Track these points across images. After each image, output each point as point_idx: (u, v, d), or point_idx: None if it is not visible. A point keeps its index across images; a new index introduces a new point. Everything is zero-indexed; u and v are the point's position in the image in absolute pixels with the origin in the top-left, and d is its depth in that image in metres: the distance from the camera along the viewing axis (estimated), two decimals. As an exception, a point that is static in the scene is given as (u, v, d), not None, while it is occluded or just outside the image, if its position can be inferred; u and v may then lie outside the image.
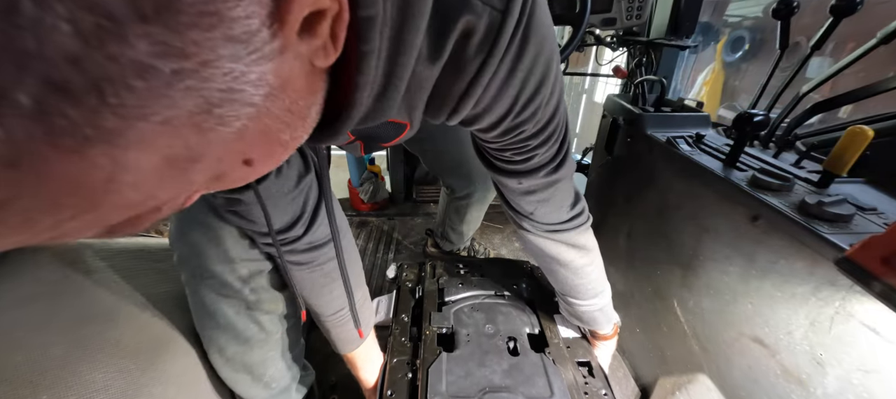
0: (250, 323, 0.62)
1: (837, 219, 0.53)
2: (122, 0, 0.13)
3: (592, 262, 0.67)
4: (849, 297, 0.50)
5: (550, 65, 0.38)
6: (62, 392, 0.50)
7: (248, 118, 0.20)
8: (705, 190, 0.73)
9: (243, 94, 0.19)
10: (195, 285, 0.59)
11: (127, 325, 0.61)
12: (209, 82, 0.16)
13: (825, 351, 0.54)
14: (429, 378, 0.65)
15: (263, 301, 0.62)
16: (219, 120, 0.18)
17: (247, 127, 0.20)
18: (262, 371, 0.67)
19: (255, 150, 0.23)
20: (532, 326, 0.78)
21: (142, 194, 0.18)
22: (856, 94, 0.69)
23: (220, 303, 0.59)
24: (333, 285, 0.60)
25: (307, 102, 0.25)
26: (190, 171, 0.20)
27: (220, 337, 0.62)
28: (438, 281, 0.90)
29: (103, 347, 0.57)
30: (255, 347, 0.64)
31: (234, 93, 0.18)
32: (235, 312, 0.60)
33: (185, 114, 0.16)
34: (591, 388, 0.67)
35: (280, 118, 0.23)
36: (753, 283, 0.63)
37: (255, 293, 0.61)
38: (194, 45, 0.15)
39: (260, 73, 0.19)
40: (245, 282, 0.59)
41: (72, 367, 0.53)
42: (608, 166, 1.11)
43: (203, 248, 0.55)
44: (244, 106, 0.19)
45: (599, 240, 0.68)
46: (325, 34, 0.22)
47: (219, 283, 0.58)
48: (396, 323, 0.80)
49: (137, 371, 0.57)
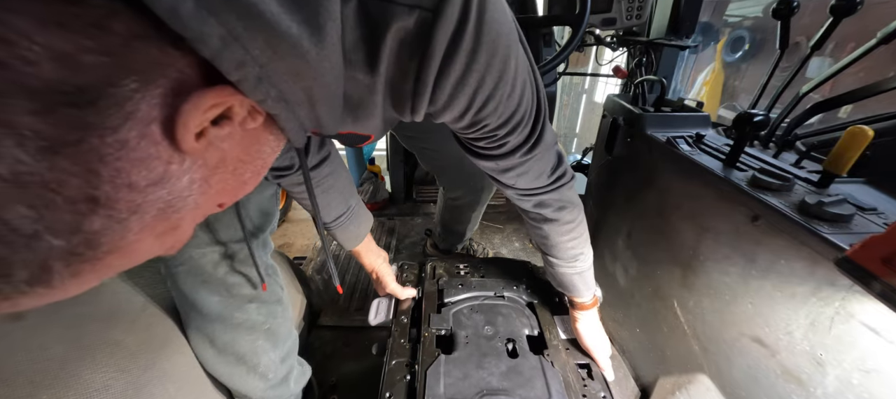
0: (235, 311, 0.63)
1: (837, 219, 0.53)
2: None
3: (574, 221, 0.67)
4: (849, 297, 0.50)
5: (507, 63, 0.38)
6: (62, 392, 0.50)
7: (201, 197, 0.25)
8: (705, 190, 0.73)
9: (185, 199, 0.24)
10: (173, 276, 0.59)
11: (127, 325, 0.61)
12: (148, 208, 0.22)
13: (825, 351, 0.54)
14: (427, 380, 0.65)
15: (242, 285, 0.63)
16: (177, 212, 0.24)
17: (200, 203, 0.25)
18: (255, 361, 0.67)
19: (223, 198, 0.29)
20: (531, 328, 0.78)
21: (146, 257, 0.25)
22: (856, 94, 0.69)
23: (201, 290, 0.60)
24: (332, 194, 0.69)
25: (255, 151, 0.29)
26: (178, 231, 0.26)
27: (207, 326, 0.62)
28: (438, 282, 0.90)
29: (103, 347, 0.57)
30: (244, 334, 0.65)
31: (174, 203, 0.23)
32: (219, 299, 0.61)
33: (150, 222, 0.23)
34: (590, 390, 0.67)
35: (233, 177, 0.27)
36: (753, 283, 0.63)
37: (236, 276, 0.62)
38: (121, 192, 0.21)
39: (185, 182, 0.23)
40: (218, 265, 0.60)
41: (72, 367, 0.53)
42: (608, 166, 1.11)
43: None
44: (189, 199, 0.24)
45: (599, 240, 0.68)
46: (241, 114, 0.24)
47: (193, 269, 0.58)
48: (396, 325, 0.80)
49: (137, 371, 0.57)
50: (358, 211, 0.76)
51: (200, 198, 0.25)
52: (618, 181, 1.06)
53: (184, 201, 0.24)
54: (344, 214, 0.72)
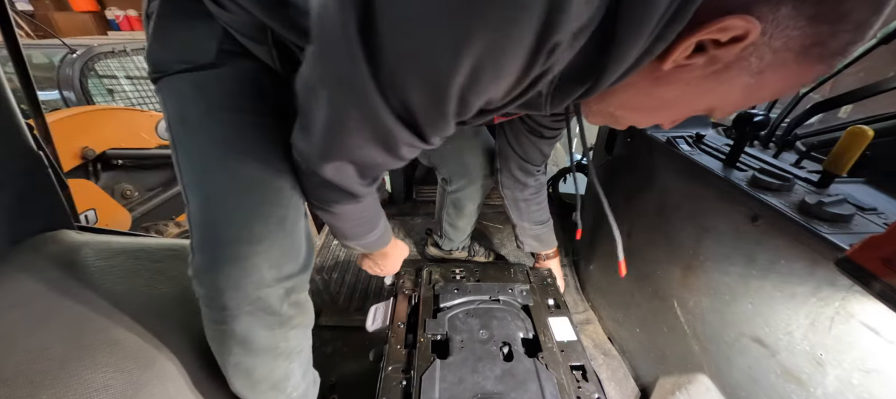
0: (281, 341, 0.61)
1: (837, 219, 0.53)
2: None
3: (545, 194, 1.01)
4: (849, 297, 0.50)
5: None
6: (62, 392, 0.50)
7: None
8: (705, 190, 0.73)
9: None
10: (226, 319, 0.56)
11: (127, 325, 0.61)
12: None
13: (825, 351, 0.54)
14: (422, 386, 0.65)
15: (295, 315, 0.62)
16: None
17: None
18: (285, 384, 0.66)
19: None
20: (526, 331, 0.78)
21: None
22: (856, 94, 0.69)
23: (257, 329, 0.57)
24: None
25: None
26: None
27: (249, 360, 0.60)
28: (434, 287, 0.90)
29: (103, 347, 0.57)
30: (282, 361, 0.64)
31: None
32: (270, 333, 0.59)
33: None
34: (584, 392, 0.67)
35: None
36: (753, 283, 0.63)
37: (292, 308, 0.61)
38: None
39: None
40: (283, 300, 0.59)
41: (72, 367, 0.53)
42: (608, 166, 1.11)
43: (238, 280, 0.53)
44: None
45: (599, 240, 0.68)
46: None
47: (260, 308, 0.56)
48: (392, 331, 0.80)
49: (137, 371, 0.57)
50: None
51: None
52: (618, 181, 1.06)
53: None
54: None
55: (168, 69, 0.50)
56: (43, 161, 0.81)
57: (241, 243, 0.52)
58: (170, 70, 0.50)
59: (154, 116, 1.73)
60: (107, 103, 1.87)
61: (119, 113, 1.63)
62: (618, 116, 0.46)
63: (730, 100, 0.37)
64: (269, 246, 0.54)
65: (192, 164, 0.52)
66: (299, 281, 0.61)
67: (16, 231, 0.76)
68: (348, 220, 0.62)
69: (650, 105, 0.41)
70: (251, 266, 0.53)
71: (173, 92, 0.51)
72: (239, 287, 0.53)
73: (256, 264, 0.53)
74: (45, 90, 1.74)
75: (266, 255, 0.54)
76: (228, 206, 0.51)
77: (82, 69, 1.77)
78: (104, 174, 1.56)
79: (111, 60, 1.93)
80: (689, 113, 0.41)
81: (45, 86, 1.74)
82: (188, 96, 0.51)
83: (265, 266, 0.54)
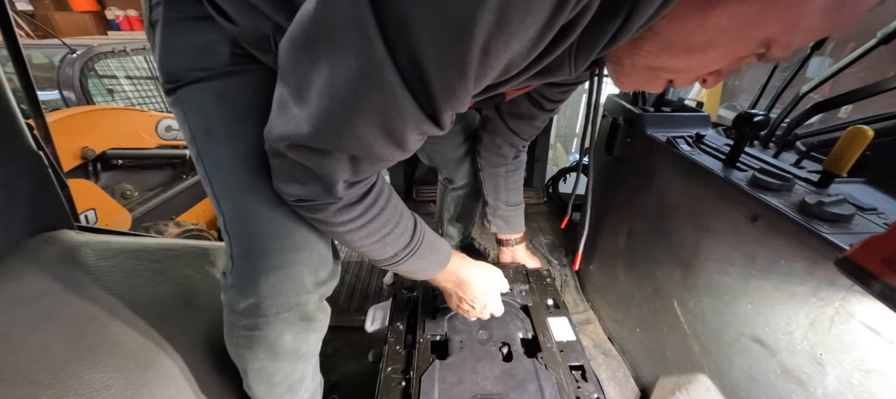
0: (302, 344, 0.61)
1: (837, 219, 0.53)
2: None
3: (523, 174, 0.98)
4: (849, 297, 0.50)
5: None
6: (62, 392, 0.50)
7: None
8: (705, 190, 0.73)
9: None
10: (260, 326, 0.55)
11: (127, 325, 0.61)
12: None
13: (825, 351, 0.54)
14: (421, 386, 0.65)
15: (321, 319, 0.63)
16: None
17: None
18: (299, 387, 0.67)
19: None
20: (526, 331, 0.78)
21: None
22: (856, 94, 0.69)
23: (287, 333, 0.57)
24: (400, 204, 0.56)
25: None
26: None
27: (272, 364, 0.60)
28: (434, 288, 0.90)
29: (103, 347, 0.57)
30: (300, 365, 0.64)
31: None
32: (295, 338, 0.59)
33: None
34: (584, 392, 0.67)
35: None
36: (753, 283, 0.63)
37: (321, 312, 0.62)
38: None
39: None
40: (318, 305, 0.60)
41: (72, 367, 0.53)
42: (608, 166, 1.11)
43: (281, 288, 0.53)
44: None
45: (599, 240, 0.68)
46: None
47: (297, 315, 0.57)
48: (392, 331, 0.80)
49: (137, 371, 0.57)
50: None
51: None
52: (618, 181, 1.06)
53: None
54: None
55: (184, 78, 0.49)
56: (43, 161, 0.81)
57: (285, 253, 0.52)
58: (186, 79, 0.49)
59: (154, 116, 1.72)
60: (107, 103, 1.86)
61: (119, 113, 1.63)
62: (657, 69, 0.39)
63: (798, 22, 0.30)
64: (310, 253, 0.54)
65: (222, 175, 0.51)
66: (330, 286, 0.61)
67: (16, 231, 0.76)
68: (337, 226, 0.50)
69: (697, 42, 0.34)
70: (295, 274, 0.53)
71: (195, 103, 0.50)
72: (281, 294, 0.53)
73: (299, 272, 0.54)
74: (45, 90, 1.74)
75: (307, 262, 0.54)
76: (267, 217, 0.51)
77: (82, 69, 1.77)
78: (104, 174, 1.56)
79: (111, 60, 1.93)
80: (745, 48, 0.34)
81: (45, 86, 1.74)
82: (212, 106, 0.50)
83: (306, 273, 0.55)
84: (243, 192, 0.51)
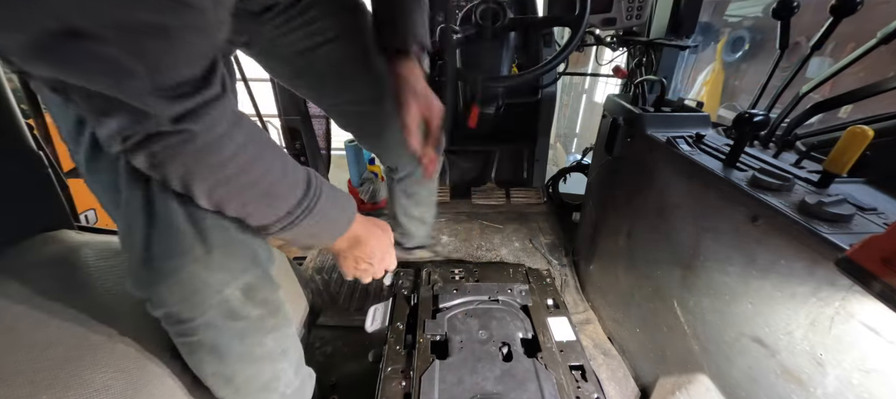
0: (255, 347, 0.60)
1: (837, 219, 0.53)
2: None
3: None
4: (849, 297, 0.50)
5: None
6: (62, 392, 0.50)
7: None
8: (705, 190, 0.73)
9: None
10: (193, 329, 0.54)
11: (127, 325, 0.61)
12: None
13: (825, 351, 0.54)
14: (421, 387, 0.65)
15: (265, 317, 0.60)
16: None
17: None
18: (276, 384, 0.66)
19: None
20: (526, 331, 0.78)
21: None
22: (856, 94, 0.69)
23: (224, 335, 0.56)
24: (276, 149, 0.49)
25: None
26: None
27: (226, 369, 0.58)
28: (433, 288, 0.90)
29: (103, 347, 0.57)
30: (267, 365, 0.63)
31: None
32: (241, 341, 0.58)
33: None
34: (584, 392, 0.67)
35: None
36: (753, 283, 0.63)
37: (258, 307, 0.59)
38: None
39: None
40: (244, 303, 0.57)
41: (72, 367, 0.53)
42: (608, 166, 1.11)
43: (183, 291, 0.51)
44: None
45: (599, 240, 0.68)
46: None
47: (225, 312, 0.54)
48: (392, 332, 0.80)
49: (137, 371, 0.57)
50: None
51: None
52: (618, 181, 1.06)
53: None
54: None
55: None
56: (43, 161, 0.81)
57: (174, 257, 0.49)
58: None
59: (154, 116, 1.73)
60: (107, 103, 1.86)
61: (119, 113, 1.63)
62: None
63: None
64: (204, 251, 0.51)
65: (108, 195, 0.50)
66: (259, 280, 0.58)
67: (16, 231, 0.76)
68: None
69: None
70: (188, 276, 0.51)
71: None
72: (187, 298, 0.51)
73: (194, 272, 0.51)
74: (45, 90, 1.74)
75: (202, 261, 0.51)
76: (147, 222, 0.49)
77: (82, 69, 1.77)
78: (104, 174, 1.56)
79: (111, 60, 1.93)
80: None
81: (45, 86, 1.74)
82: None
83: (204, 272, 0.51)
84: (124, 204, 0.49)
